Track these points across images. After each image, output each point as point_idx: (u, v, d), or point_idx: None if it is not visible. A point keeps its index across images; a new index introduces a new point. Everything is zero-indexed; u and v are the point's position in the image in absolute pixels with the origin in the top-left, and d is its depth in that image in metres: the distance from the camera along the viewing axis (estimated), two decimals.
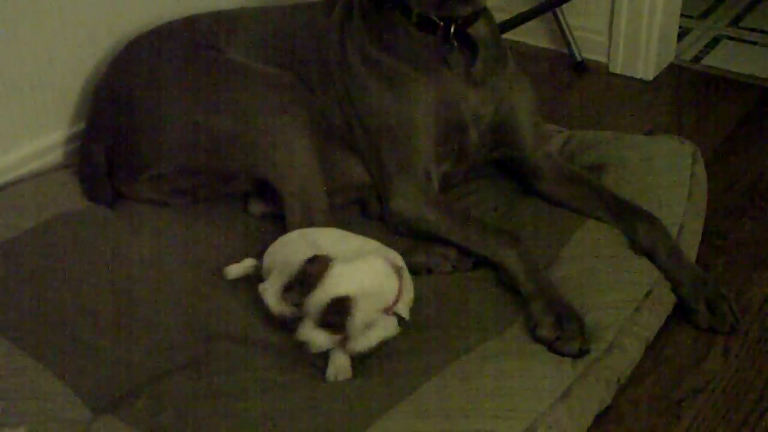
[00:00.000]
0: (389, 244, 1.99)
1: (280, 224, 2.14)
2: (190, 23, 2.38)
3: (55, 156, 2.48)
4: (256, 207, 2.26)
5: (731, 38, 3.60)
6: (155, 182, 2.22)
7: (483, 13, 2.15)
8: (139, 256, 2.09)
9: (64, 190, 2.29)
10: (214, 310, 1.96)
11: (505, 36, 3.17)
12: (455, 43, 2.12)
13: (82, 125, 2.45)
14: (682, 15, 3.42)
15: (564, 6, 3.29)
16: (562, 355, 1.82)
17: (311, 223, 2.09)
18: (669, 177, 2.30)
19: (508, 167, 2.35)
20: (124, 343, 1.88)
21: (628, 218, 2.11)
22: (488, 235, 2.03)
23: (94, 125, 2.32)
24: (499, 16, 3.19)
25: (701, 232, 2.28)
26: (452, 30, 2.10)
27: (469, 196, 2.32)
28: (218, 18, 2.39)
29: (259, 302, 1.94)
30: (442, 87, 2.13)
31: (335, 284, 1.76)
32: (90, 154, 2.29)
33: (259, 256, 2.04)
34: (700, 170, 2.36)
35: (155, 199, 2.25)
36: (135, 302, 1.98)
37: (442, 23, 2.10)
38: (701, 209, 2.30)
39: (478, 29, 2.15)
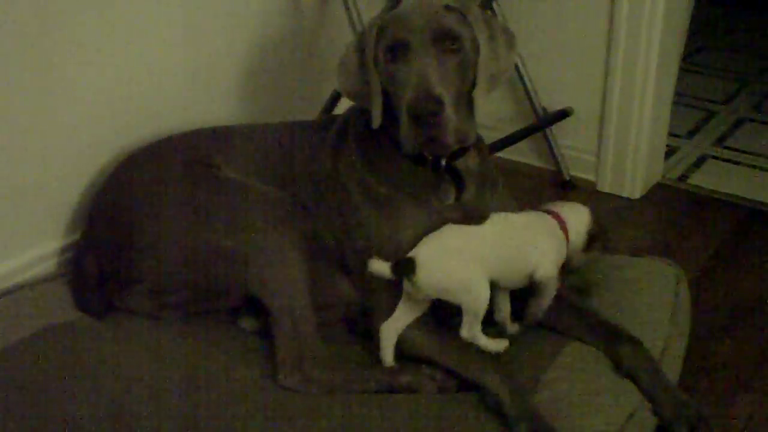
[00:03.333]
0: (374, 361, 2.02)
1: (270, 340, 2.14)
2: (188, 139, 2.43)
3: (50, 266, 2.51)
4: (248, 323, 2.27)
5: (716, 158, 3.67)
6: (147, 295, 2.23)
7: (474, 145, 2.21)
8: (133, 371, 2.05)
9: (56, 301, 2.30)
10: (212, 425, 1.92)
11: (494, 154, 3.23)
12: (445, 175, 2.17)
13: (77, 236, 2.48)
14: (668, 134, 3.49)
15: (553, 125, 3.36)
16: None
17: (298, 339, 2.10)
18: (653, 299, 2.32)
19: None
20: None
21: (611, 341, 2.12)
22: (473, 357, 2.04)
23: (89, 236, 2.35)
24: (491, 135, 3.25)
25: (684, 353, 2.29)
26: (442, 163, 2.16)
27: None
28: (215, 134, 2.44)
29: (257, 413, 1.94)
30: (432, 214, 2.16)
31: None
32: (83, 265, 2.31)
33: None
34: (684, 292, 2.39)
35: (146, 311, 2.26)
36: (128, 418, 1.93)
37: (431, 157, 2.14)
38: (684, 331, 2.33)
39: (468, 161, 2.20)
